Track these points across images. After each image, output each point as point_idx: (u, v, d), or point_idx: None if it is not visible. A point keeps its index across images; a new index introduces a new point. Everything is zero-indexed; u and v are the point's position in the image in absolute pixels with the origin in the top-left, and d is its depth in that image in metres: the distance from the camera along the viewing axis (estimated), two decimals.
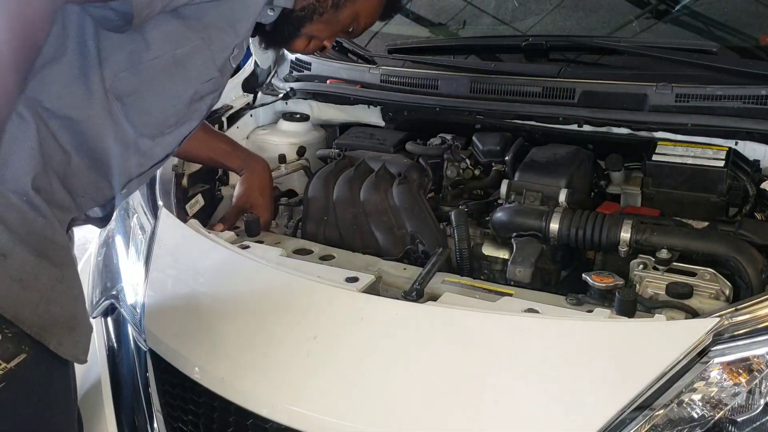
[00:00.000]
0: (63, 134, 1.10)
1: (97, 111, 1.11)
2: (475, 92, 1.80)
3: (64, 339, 1.11)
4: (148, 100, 1.16)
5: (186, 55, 1.15)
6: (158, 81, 1.15)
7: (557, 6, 2.08)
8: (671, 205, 1.55)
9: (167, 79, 1.15)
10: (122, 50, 1.10)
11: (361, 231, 1.60)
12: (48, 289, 1.08)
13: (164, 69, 1.14)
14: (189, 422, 1.26)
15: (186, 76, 1.17)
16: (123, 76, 1.11)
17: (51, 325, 1.08)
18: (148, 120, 1.18)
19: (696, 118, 1.57)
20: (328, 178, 1.77)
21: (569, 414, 1.02)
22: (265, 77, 2.26)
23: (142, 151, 1.20)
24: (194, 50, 1.15)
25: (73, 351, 1.14)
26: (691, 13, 1.90)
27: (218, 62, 1.19)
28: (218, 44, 1.18)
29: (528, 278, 1.39)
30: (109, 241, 1.75)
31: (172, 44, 1.13)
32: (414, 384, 1.10)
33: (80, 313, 1.16)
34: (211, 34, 1.16)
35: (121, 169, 1.20)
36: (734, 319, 1.06)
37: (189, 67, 1.16)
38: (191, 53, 1.15)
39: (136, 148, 1.19)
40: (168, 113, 1.19)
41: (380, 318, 1.21)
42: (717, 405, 1.01)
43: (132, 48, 1.10)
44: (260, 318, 1.27)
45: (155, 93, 1.16)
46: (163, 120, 1.20)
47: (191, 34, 1.14)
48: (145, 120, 1.17)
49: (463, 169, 1.81)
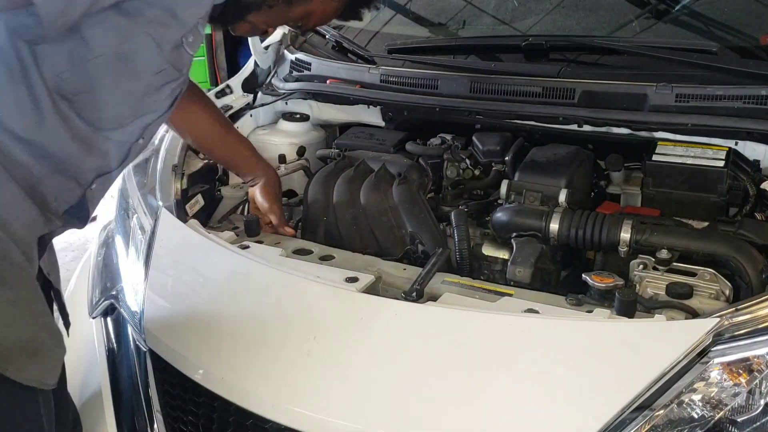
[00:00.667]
0: (15, 147, 1.08)
1: (46, 114, 1.09)
2: (475, 92, 1.80)
3: (24, 365, 1.07)
4: (99, 97, 1.14)
5: (131, 51, 1.13)
6: (105, 78, 1.13)
7: (557, 6, 2.08)
8: (671, 205, 1.55)
9: (114, 76, 1.13)
10: (61, 50, 1.08)
11: (361, 231, 1.60)
12: (1, 313, 1.04)
13: (109, 66, 1.12)
14: (189, 422, 1.26)
15: (133, 71, 1.15)
16: (66, 76, 1.09)
17: (8, 350, 1.04)
18: (103, 116, 1.16)
19: (696, 118, 1.57)
20: (328, 178, 1.77)
21: (569, 414, 1.02)
22: (265, 77, 2.26)
23: (102, 145, 1.19)
24: (139, 45, 1.13)
25: (37, 376, 1.09)
26: (691, 13, 1.89)
27: (167, 54, 1.17)
28: (163, 36, 1.15)
29: (528, 278, 1.39)
30: (109, 241, 1.75)
31: (115, 41, 1.11)
32: (414, 384, 1.10)
33: (43, 336, 1.12)
34: (155, 26, 1.13)
35: (85, 167, 1.19)
36: (734, 319, 1.06)
37: (136, 62, 1.14)
38: (136, 48, 1.13)
39: (95, 143, 1.18)
40: (122, 108, 1.18)
41: (380, 318, 1.21)
42: (717, 405, 1.01)
43: (71, 47, 1.08)
44: (260, 318, 1.27)
45: (104, 90, 1.14)
46: (118, 114, 1.18)
47: (134, 29, 1.11)
48: (99, 116, 1.16)
49: (463, 169, 1.81)
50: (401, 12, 2.34)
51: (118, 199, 1.81)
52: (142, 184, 1.73)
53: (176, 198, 1.67)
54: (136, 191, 1.72)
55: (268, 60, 2.26)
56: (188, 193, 1.75)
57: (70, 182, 1.19)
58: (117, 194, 1.82)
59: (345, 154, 1.90)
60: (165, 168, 1.74)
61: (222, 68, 5.98)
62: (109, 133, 1.19)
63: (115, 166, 1.26)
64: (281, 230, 1.63)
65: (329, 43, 2.21)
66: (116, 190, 1.83)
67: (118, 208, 1.79)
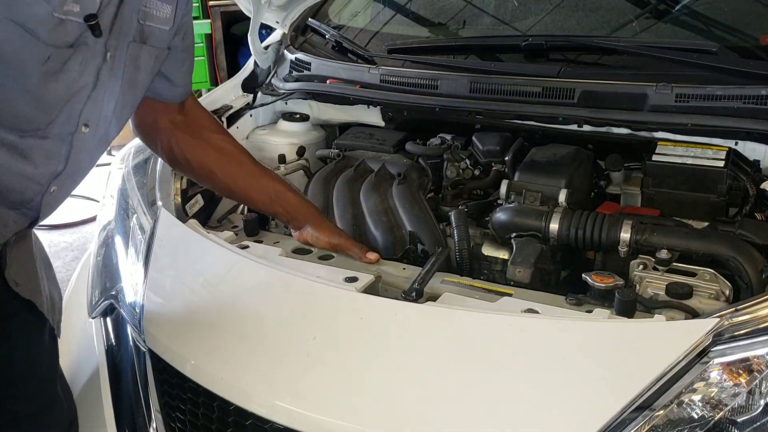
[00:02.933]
0: None
1: None
2: (475, 92, 1.80)
3: None
4: (3, 102, 1.05)
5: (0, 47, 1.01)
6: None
7: (557, 6, 2.08)
8: (671, 205, 1.55)
9: (1, 78, 1.03)
10: None
11: (361, 231, 1.59)
12: None
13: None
14: (188, 422, 1.26)
15: (16, 66, 1.04)
16: None
17: None
18: (20, 119, 1.08)
19: (696, 118, 1.57)
20: (328, 178, 1.77)
21: (569, 414, 1.01)
22: (265, 77, 2.26)
23: (40, 146, 1.11)
24: (5, 35, 1.01)
25: None
26: (691, 13, 1.90)
27: (45, 37, 1.04)
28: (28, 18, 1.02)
29: (528, 278, 1.39)
30: (108, 241, 1.74)
31: None
32: (413, 384, 1.10)
33: None
34: (16, 9, 1.01)
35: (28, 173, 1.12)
36: (734, 319, 1.06)
37: (11, 55, 1.02)
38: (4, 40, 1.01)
39: (29, 146, 1.10)
40: (30, 105, 1.08)
41: (380, 318, 1.21)
42: (717, 405, 1.01)
43: None
44: (260, 318, 1.27)
45: (1, 94, 1.05)
46: (32, 112, 1.09)
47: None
48: (17, 120, 1.07)
49: (463, 169, 1.81)
50: (401, 12, 2.35)
51: (117, 199, 1.81)
52: (142, 184, 1.73)
53: (176, 198, 1.67)
54: (136, 191, 1.72)
55: (268, 60, 2.26)
56: (188, 193, 1.75)
57: (16, 194, 1.13)
58: (117, 194, 1.82)
59: (345, 154, 1.90)
60: (165, 168, 1.74)
61: (222, 68, 5.98)
62: (42, 132, 1.11)
63: (64, 164, 1.17)
64: (365, 258, 1.44)
65: (329, 43, 2.21)
66: (116, 190, 1.83)
67: (118, 208, 1.78)
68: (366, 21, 2.36)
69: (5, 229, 1.15)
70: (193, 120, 1.54)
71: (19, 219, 1.17)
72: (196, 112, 1.56)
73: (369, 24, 2.31)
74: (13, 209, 1.15)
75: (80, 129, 1.17)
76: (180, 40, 1.37)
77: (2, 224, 1.14)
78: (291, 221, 1.55)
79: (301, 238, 1.53)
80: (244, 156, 1.57)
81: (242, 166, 1.55)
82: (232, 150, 1.55)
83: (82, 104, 1.15)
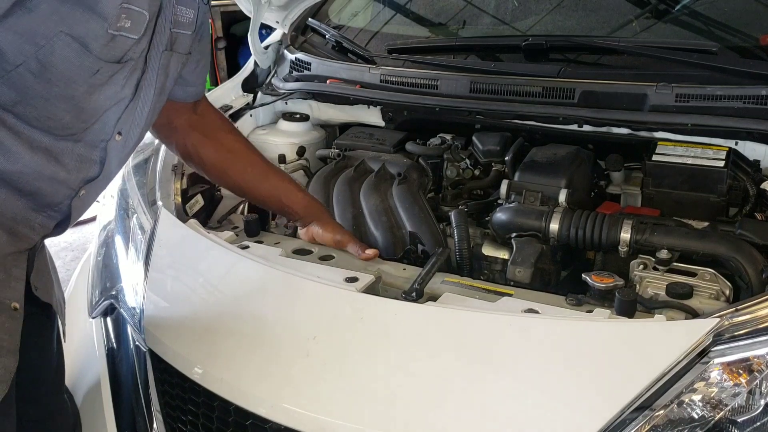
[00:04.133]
0: None
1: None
2: (475, 92, 1.80)
3: None
4: (39, 105, 1.06)
5: (51, 54, 1.02)
6: (38, 88, 1.04)
7: (557, 6, 2.08)
8: (671, 205, 1.55)
9: (46, 84, 1.04)
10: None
11: (361, 231, 1.60)
12: None
13: (37, 75, 1.03)
14: (188, 422, 1.26)
15: (64, 76, 1.05)
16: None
17: None
18: (56, 123, 1.09)
19: (696, 118, 1.57)
20: (328, 178, 1.77)
21: (569, 414, 1.01)
22: (265, 77, 2.26)
23: (73, 150, 1.13)
24: (59, 48, 1.02)
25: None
26: (691, 13, 1.90)
27: (97, 52, 1.06)
28: (86, 34, 1.04)
29: (528, 278, 1.39)
30: (108, 241, 1.74)
31: (30, 47, 1.01)
32: (414, 384, 1.10)
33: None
34: (72, 24, 1.02)
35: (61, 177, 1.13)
36: (734, 319, 1.06)
37: (62, 67, 1.04)
38: (56, 50, 1.02)
39: (62, 150, 1.11)
40: (72, 112, 1.09)
41: (380, 318, 1.21)
42: (717, 405, 1.01)
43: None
44: (260, 318, 1.27)
45: (40, 99, 1.05)
46: (72, 118, 1.10)
47: (48, 30, 1.01)
48: (52, 123, 1.08)
49: (463, 169, 1.81)
50: (401, 12, 2.35)
51: (117, 199, 1.81)
52: (142, 184, 1.73)
53: (176, 198, 1.67)
54: (136, 191, 1.72)
55: (268, 60, 2.26)
56: (188, 193, 1.75)
57: (47, 197, 1.13)
58: (117, 194, 1.82)
59: (345, 154, 1.90)
60: (165, 168, 1.74)
61: (222, 68, 5.98)
62: (76, 136, 1.12)
63: (98, 171, 1.19)
64: (363, 255, 1.46)
65: (329, 43, 2.21)
66: (116, 190, 1.83)
67: (118, 208, 1.78)
68: (366, 21, 2.36)
69: (32, 233, 1.15)
70: (207, 120, 1.56)
71: (45, 222, 1.17)
72: (209, 111, 1.59)
73: (369, 24, 2.31)
74: (39, 212, 1.15)
75: (114, 137, 1.19)
76: (197, 42, 1.38)
77: (29, 228, 1.14)
78: (299, 219, 1.58)
79: (307, 236, 1.56)
80: (255, 156, 1.60)
81: (254, 166, 1.58)
82: (244, 150, 1.59)
83: (119, 114, 1.18)
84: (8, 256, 1.11)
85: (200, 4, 1.32)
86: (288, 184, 1.61)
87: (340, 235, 1.52)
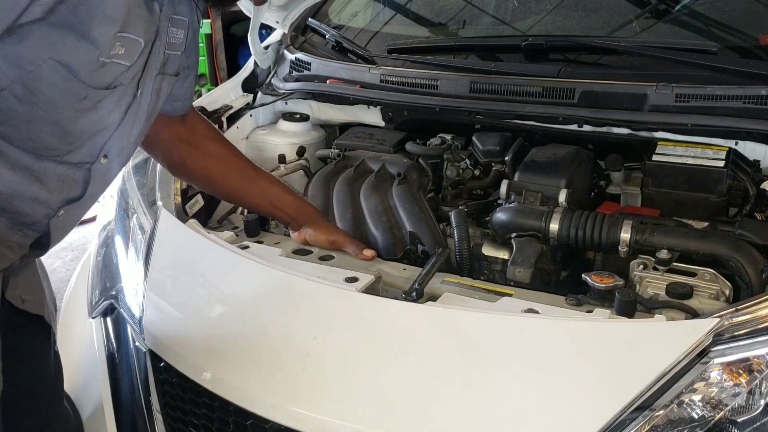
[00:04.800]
0: None
1: None
2: (475, 92, 1.80)
3: None
4: (26, 128, 1.03)
5: (37, 80, 0.99)
6: (22, 110, 1.01)
7: (557, 6, 2.08)
8: (671, 205, 1.55)
9: (31, 108, 1.01)
10: None
11: (361, 231, 1.60)
12: None
13: (21, 99, 1.00)
14: (188, 422, 1.26)
15: (50, 101, 1.03)
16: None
17: None
18: (39, 144, 1.06)
19: (696, 118, 1.57)
20: (328, 178, 1.77)
21: (569, 414, 1.01)
22: (265, 77, 2.26)
23: (55, 171, 1.10)
24: (46, 74, 1.00)
25: None
26: (691, 13, 1.90)
27: (85, 78, 1.04)
28: (76, 61, 1.01)
29: (528, 278, 1.39)
30: (108, 241, 1.75)
31: (16, 71, 0.98)
32: (413, 384, 1.10)
33: None
34: (61, 51, 0.99)
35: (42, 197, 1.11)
36: (734, 319, 1.06)
37: (48, 92, 1.01)
38: (43, 76, 1.00)
39: (45, 170, 1.09)
40: (57, 135, 1.07)
41: (380, 318, 1.21)
42: (717, 405, 1.01)
43: None
44: (260, 318, 1.27)
45: (24, 122, 1.03)
46: (57, 141, 1.08)
47: (36, 57, 0.98)
48: (35, 144, 1.05)
49: (463, 169, 1.81)
50: (401, 12, 2.35)
51: (117, 199, 1.81)
52: (142, 184, 1.73)
53: (176, 198, 1.67)
54: (136, 191, 1.72)
55: (268, 60, 2.26)
56: (188, 193, 1.75)
57: (25, 217, 1.11)
58: (117, 194, 1.82)
59: (345, 154, 1.90)
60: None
61: (222, 68, 5.98)
62: (59, 158, 1.10)
63: (81, 192, 1.17)
64: (362, 256, 1.46)
65: (329, 43, 2.21)
66: (116, 190, 1.83)
67: (118, 208, 1.78)
68: (366, 21, 2.36)
69: (10, 252, 1.13)
70: (194, 130, 1.54)
71: (21, 240, 1.15)
72: (197, 122, 1.57)
73: (369, 24, 2.31)
74: (16, 231, 1.13)
75: (99, 159, 1.17)
76: (185, 59, 1.35)
77: (7, 247, 1.12)
78: (290, 223, 1.57)
79: (299, 239, 1.55)
80: (243, 162, 1.59)
81: (242, 172, 1.57)
82: (231, 158, 1.58)
83: (107, 138, 1.16)
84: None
85: (191, 22, 1.29)
86: (277, 187, 1.60)
87: (335, 235, 1.52)
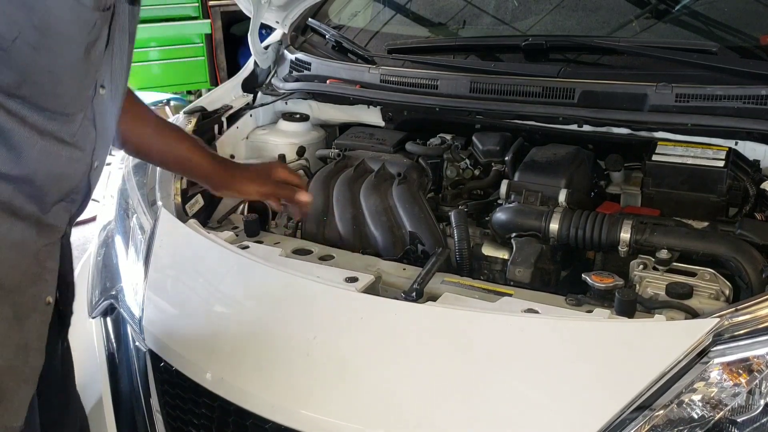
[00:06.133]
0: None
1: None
2: (475, 92, 1.80)
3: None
4: (49, 82, 0.99)
5: (46, 16, 0.95)
6: (40, 60, 0.97)
7: (557, 6, 2.08)
8: (671, 205, 1.55)
9: (48, 55, 0.97)
10: None
11: (361, 231, 1.60)
12: None
13: (36, 47, 0.95)
14: (188, 422, 1.26)
15: (64, 39, 0.98)
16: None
17: None
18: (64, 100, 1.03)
19: (696, 118, 1.57)
20: (328, 178, 1.77)
21: (569, 414, 1.01)
22: (265, 77, 2.26)
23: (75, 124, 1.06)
24: (53, 4, 0.95)
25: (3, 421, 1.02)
26: (691, 13, 1.90)
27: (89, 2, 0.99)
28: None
29: (528, 278, 1.39)
30: (108, 241, 1.75)
31: (24, 13, 0.93)
32: (413, 384, 1.10)
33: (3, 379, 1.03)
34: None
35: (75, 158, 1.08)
36: (734, 319, 1.06)
37: (60, 27, 0.97)
38: (51, 11, 0.95)
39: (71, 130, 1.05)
40: (74, 81, 1.03)
41: (380, 318, 1.21)
42: (717, 405, 1.01)
43: None
44: (260, 318, 1.27)
45: (49, 71, 0.99)
46: (76, 90, 1.04)
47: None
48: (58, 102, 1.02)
49: (463, 169, 1.81)
50: (401, 12, 2.35)
51: (117, 199, 1.81)
52: (142, 184, 1.73)
53: (176, 198, 1.67)
54: (136, 191, 1.72)
55: (268, 60, 2.26)
56: (188, 193, 1.75)
57: (70, 181, 1.10)
58: (117, 194, 1.82)
59: (345, 154, 1.90)
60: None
61: (222, 68, 5.98)
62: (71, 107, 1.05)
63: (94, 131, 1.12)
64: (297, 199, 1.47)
65: (329, 43, 2.21)
66: (116, 190, 1.83)
67: (118, 208, 1.78)
68: (366, 21, 2.36)
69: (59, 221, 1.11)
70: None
71: (69, 207, 1.13)
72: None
73: (369, 24, 2.31)
74: (63, 200, 1.11)
75: (98, 92, 1.12)
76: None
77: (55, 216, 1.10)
78: (207, 184, 1.52)
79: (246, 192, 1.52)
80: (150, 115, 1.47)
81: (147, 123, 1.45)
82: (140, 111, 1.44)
83: (98, 65, 1.10)
84: (41, 248, 1.08)
85: None
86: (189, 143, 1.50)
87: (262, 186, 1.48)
